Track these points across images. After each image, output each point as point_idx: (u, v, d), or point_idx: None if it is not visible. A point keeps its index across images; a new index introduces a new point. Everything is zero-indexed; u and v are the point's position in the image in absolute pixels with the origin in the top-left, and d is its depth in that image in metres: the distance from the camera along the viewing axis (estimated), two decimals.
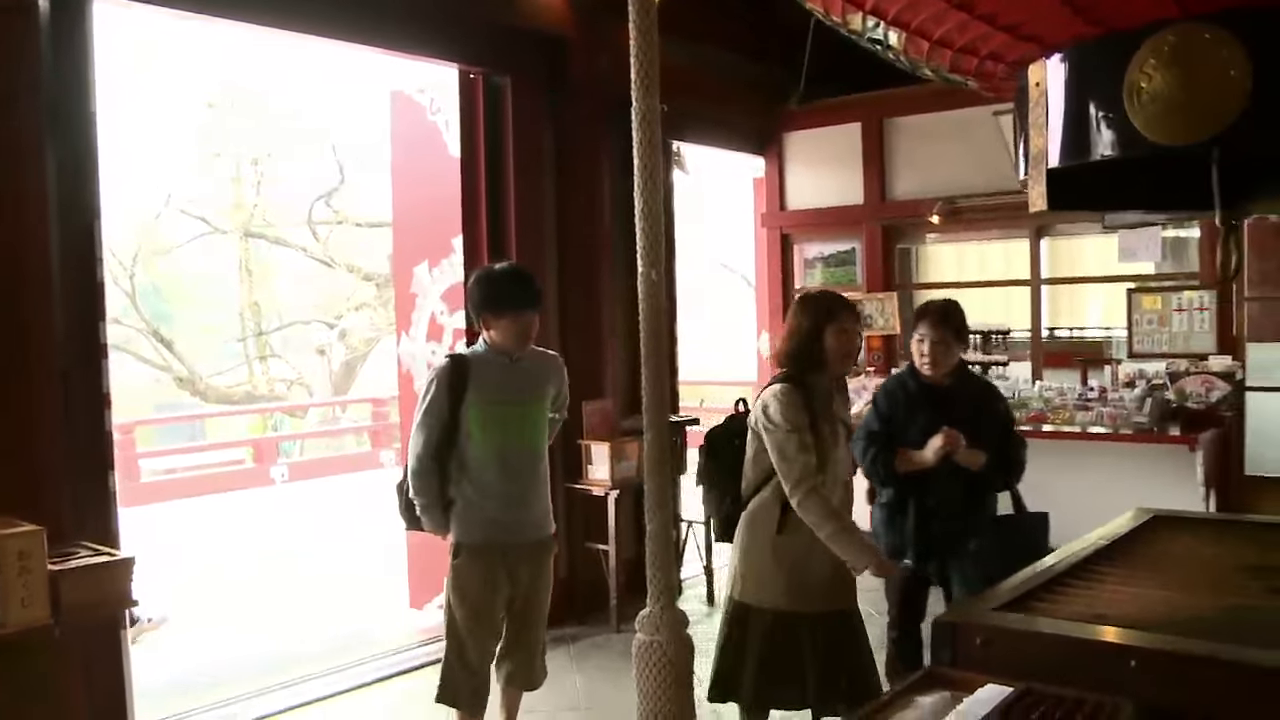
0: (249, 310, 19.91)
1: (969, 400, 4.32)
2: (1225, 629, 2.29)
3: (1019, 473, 4.42)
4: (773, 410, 3.62)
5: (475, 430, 3.99)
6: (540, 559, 4.18)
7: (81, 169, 4.26)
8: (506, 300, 4.00)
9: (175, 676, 5.82)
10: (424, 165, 6.40)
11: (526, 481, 4.09)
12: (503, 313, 3.99)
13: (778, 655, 3.73)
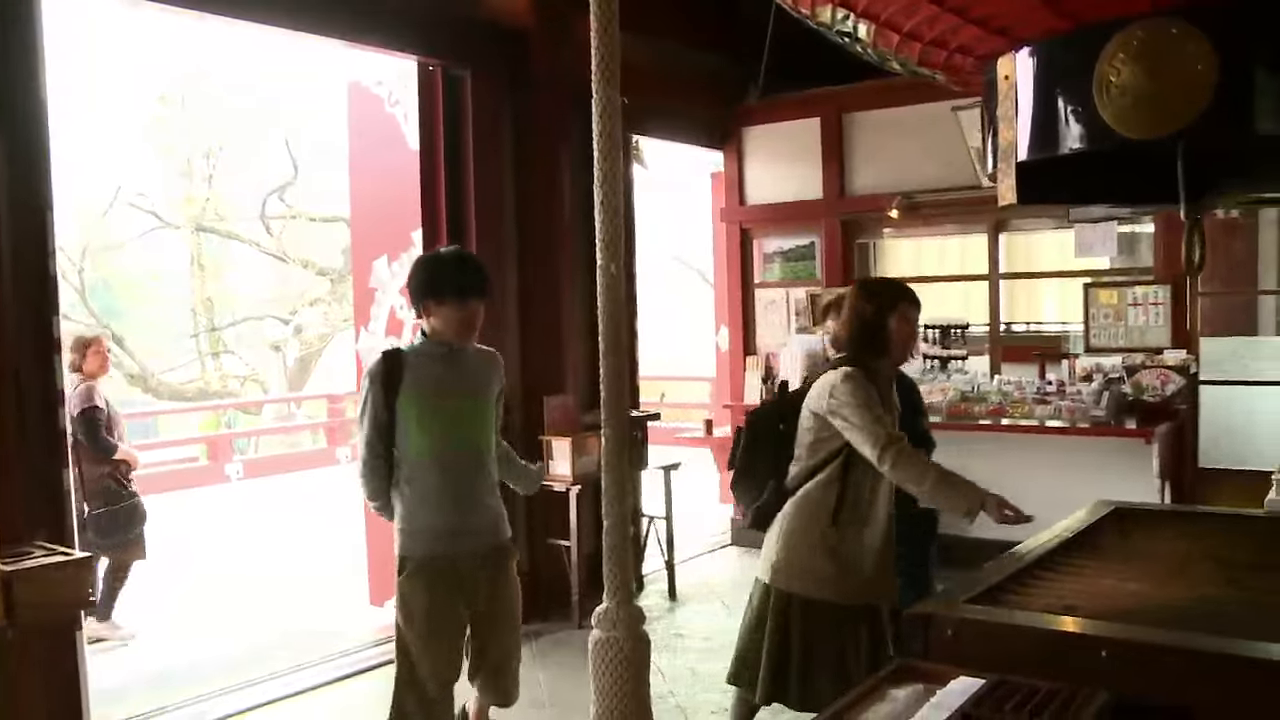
0: (201, 306, 19.68)
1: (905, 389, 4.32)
2: (1190, 618, 2.31)
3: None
4: (841, 391, 3.55)
5: (413, 429, 3.62)
6: (498, 567, 3.81)
7: (33, 160, 4.18)
8: (449, 286, 3.65)
9: (131, 677, 5.74)
10: (382, 158, 6.34)
11: (471, 484, 3.72)
12: (444, 299, 3.64)
13: (824, 649, 3.64)
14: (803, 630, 3.65)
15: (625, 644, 3.08)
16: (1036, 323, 8.55)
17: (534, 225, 6.50)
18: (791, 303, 8.19)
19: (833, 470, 3.62)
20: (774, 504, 3.74)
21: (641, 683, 3.13)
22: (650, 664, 3.01)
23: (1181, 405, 6.50)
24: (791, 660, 3.67)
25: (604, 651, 3.08)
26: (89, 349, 6.59)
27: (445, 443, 3.66)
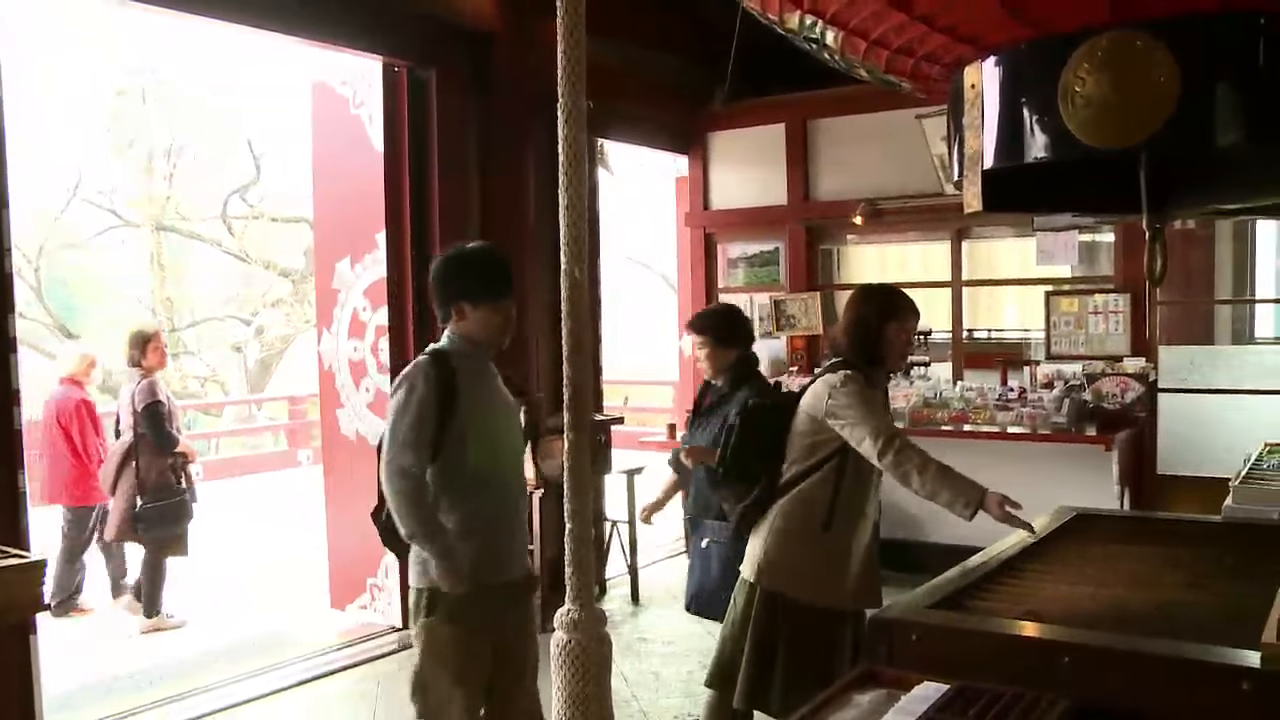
0: (161, 306, 19.47)
1: None
2: (1151, 624, 2.33)
3: None
4: (842, 393, 3.55)
5: (470, 444, 3.25)
6: (527, 600, 3.54)
7: None
8: (488, 285, 3.35)
9: (87, 682, 5.67)
10: (346, 159, 6.30)
11: (516, 505, 3.44)
12: (481, 300, 3.31)
13: (809, 653, 3.60)
14: (789, 633, 3.62)
15: (587, 646, 3.07)
16: (998, 330, 8.62)
17: (498, 227, 6.47)
18: (755, 308, 8.20)
19: (827, 472, 3.62)
20: (764, 505, 3.70)
21: (603, 685, 3.12)
22: (612, 666, 3.01)
23: (1141, 413, 6.58)
24: (776, 664, 3.63)
25: (565, 653, 3.08)
26: (149, 344, 6.71)
27: (496, 458, 3.34)
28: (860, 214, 7.51)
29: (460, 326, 3.34)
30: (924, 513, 7.26)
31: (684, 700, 5.11)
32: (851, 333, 3.73)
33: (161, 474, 6.55)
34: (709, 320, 4.55)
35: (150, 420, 6.49)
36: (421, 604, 3.27)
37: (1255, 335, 8.75)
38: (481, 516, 3.29)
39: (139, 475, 6.49)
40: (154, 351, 6.70)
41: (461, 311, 3.32)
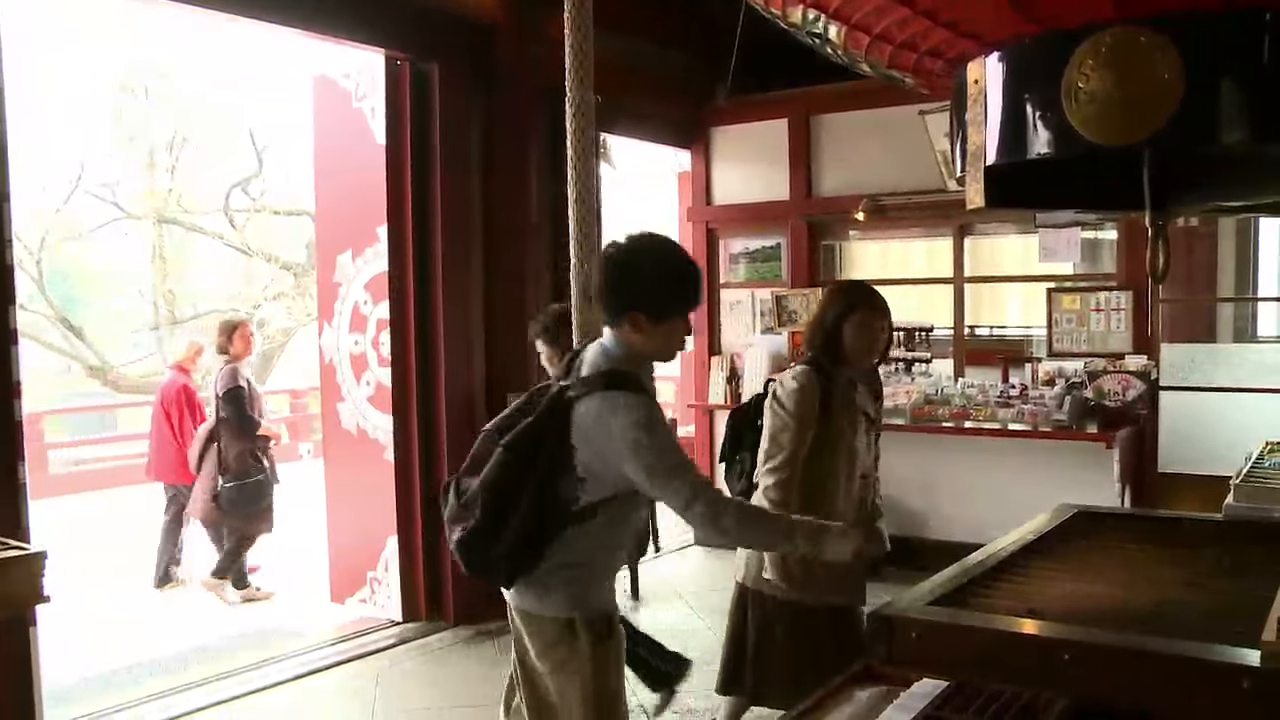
0: (163, 298, 19.46)
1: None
2: (1152, 622, 2.32)
3: None
4: (783, 392, 3.61)
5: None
6: None
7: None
8: (686, 299, 2.90)
9: (87, 674, 5.67)
10: (348, 152, 6.29)
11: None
12: (673, 315, 2.85)
13: (777, 646, 3.69)
14: (757, 624, 3.70)
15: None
16: (1000, 327, 8.61)
17: (501, 221, 6.48)
18: (757, 303, 8.20)
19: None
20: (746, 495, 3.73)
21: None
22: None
23: (1142, 410, 6.57)
24: (746, 655, 3.73)
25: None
26: (235, 332, 7.18)
27: None
28: (862, 210, 7.50)
29: (631, 337, 2.81)
30: (925, 509, 7.28)
31: (684, 695, 5.10)
32: (810, 330, 3.79)
33: (241, 456, 6.91)
34: (543, 323, 4.73)
35: (232, 404, 6.88)
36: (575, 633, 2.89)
37: (1257, 333, 8.73)
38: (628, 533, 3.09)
39: (221, 457, 6.88)
40: (240, 339, 7.16)
41: (637, 323, 2.78)
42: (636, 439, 2.71)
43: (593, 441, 2.75)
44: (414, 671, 5.47)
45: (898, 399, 7.03)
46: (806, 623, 3.67)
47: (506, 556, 2.83)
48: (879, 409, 3.96)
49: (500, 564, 2.85)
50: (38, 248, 17.51)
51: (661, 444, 2.74)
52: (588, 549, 2.88)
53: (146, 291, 19.58)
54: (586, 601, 2.90)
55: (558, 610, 2.89)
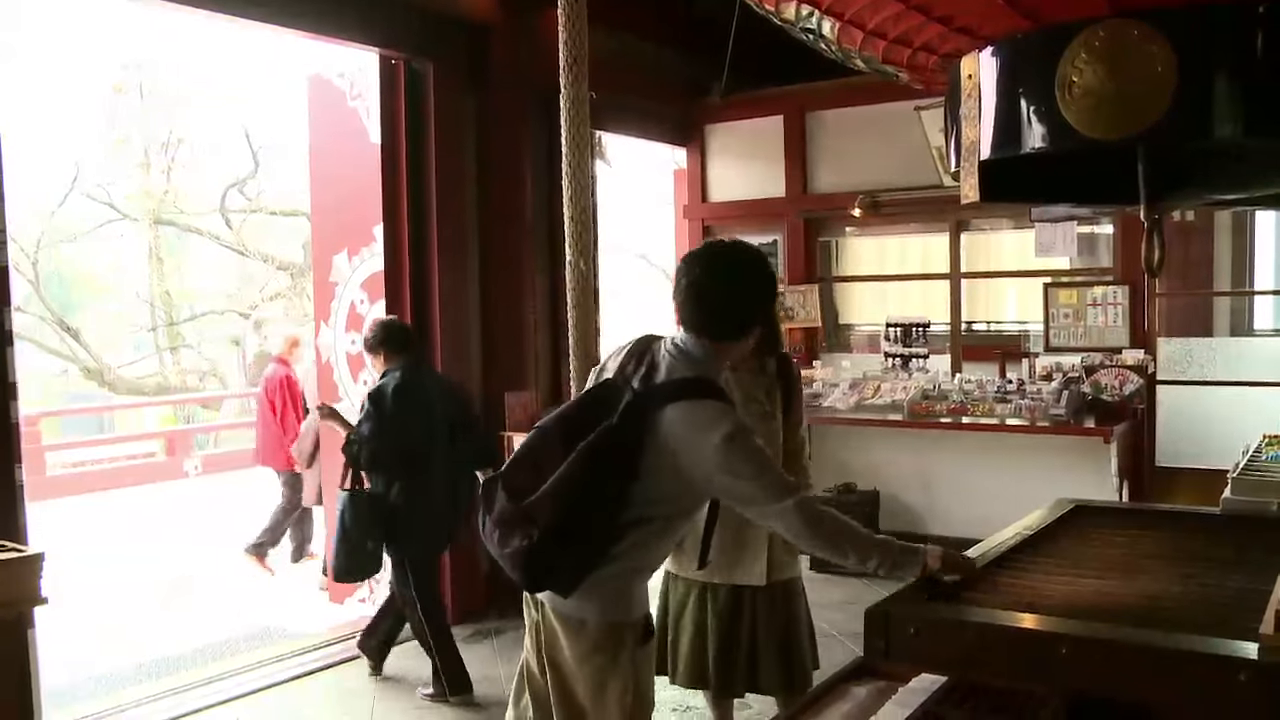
0: (160, 299, 19.45)
1: None
2: (1149, 616, 2.32)
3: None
4: None
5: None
6: None
7: None
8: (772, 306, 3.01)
9: (85, 676, 5.66)
10: (344, 152, 6.28)
11: None
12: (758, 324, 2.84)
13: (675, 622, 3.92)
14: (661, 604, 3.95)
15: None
16: (997, 322, 8.61)
17: (496, 220, 6.47)
18: None
19: None
20: None
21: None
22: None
23: (1139, 405, 6.57)
24: (689, 644, 3.95)
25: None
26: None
27: None
28: (859, 206, 7.49)
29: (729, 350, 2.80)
30: (922, 505, 7.28)
31: (683, 692, 5.10)
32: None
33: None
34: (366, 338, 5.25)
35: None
36: (620, 637, 2.81)
37: (1254, 327, 8.74)
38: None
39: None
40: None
41: (749, 333, 2.78)
42: (729, 450, 2.60)
43: (678, 452, 2.63)
44: (412, 671, 5.46)
45: (895, 395, 7.03)
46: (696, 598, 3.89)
47: (573, 566, 2.71)
48: (791, 398, 3.94)
49: (564, 573, 2.73)
50: (34, 249, 17.50)
51: (751, 455, 2.64)
52: (641, 555, 2.79)
53: (143, 293, 19.57)
54: (630, 606, 2.82)
55: (603, 615, 2.78)
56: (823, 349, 8.03)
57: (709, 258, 2.77)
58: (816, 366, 7.74)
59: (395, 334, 5.11)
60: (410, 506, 4.98)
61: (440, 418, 5.04)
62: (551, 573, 2.71)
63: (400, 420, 4.89)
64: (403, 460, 4.95)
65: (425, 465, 4.97)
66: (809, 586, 4.78)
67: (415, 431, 4.93)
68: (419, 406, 4.96)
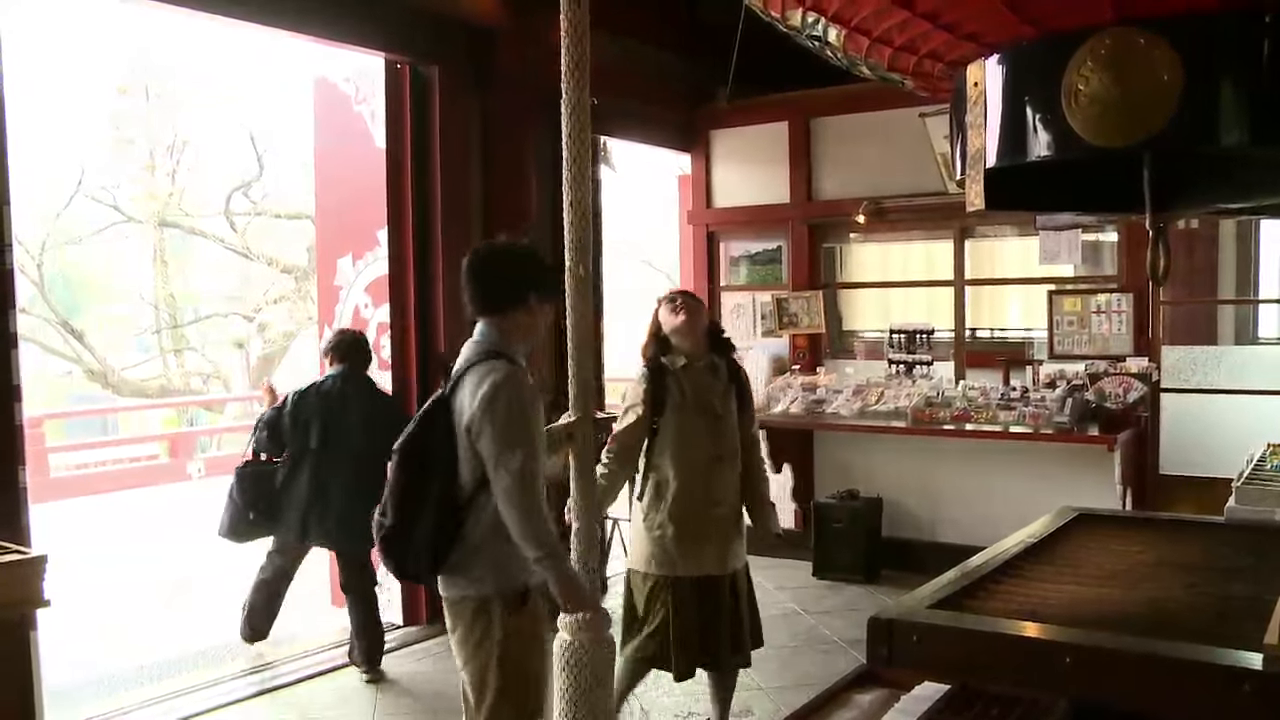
0: (164, 302, 19.46)
1: None
2: (1153, 625, 2.32)
3: None
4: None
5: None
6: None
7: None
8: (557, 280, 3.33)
9: (87, 678, 5.66)
10: (349, 155, 6.29)
11: None
12: (548, 296, 3.34)
13: (677, 619, 4.12)
14: (644, 601, 4.20)
15: (590, 648, 3.08)
16: (1001, 329, 8.59)
17: (500, 225, 6.45)
18: (758, 307, 8.20)
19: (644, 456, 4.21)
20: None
21: (604, 686, 3.13)
22: (614, 668, 3.00)
23: (1143, 413, 6.56)
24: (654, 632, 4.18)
25: (568, 655, 3.08)
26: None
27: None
28: (863, 213, 7.49)
29: (513, 325, 3.22)
30: (925, 512, 7.28)
31: (684, 699, 5.11)
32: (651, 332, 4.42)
33: None
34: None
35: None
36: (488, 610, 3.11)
37: (1258, 335, 8.72)
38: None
39: None
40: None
41: (529, 307, 3.22)
42: (491, 400, 3.02)
43: (464, 416, 3.07)
44: (415, 675, 5.46)
45: (899, 402, 7.03)
46: (677, 593, 4.11)
47: (425, 551, 3.07)
48: (744, 398, 4.39)
49: (420, 559, 3.10)
50: (39, 251, 17.53)
51: (510, 410, 3.01)
52: (490, 528, 3.07)
53: (147, 295, 19.59)
54: (495, 578, 3.08)
55: (470, 589, 3.11)
56: (826, 355, 8.02)
57: (472, 253, 3.37)
58: (820, 373, 7.73)
59: (337, 345, 5.68)
60: (283, 492, 5.49)
61: (355, 422, 5.41)
62: (410, 559, 3.12)
63: (292, 416, 5.45)
64: (284, 450, 5.51)
65: (310, 461, 5.42)
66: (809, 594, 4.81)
67: (304, 429, 5.43)
68: (320, 409, 5.45)
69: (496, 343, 3.19)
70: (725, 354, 4.39)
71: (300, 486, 5.43)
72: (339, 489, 5.34)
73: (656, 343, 4.30)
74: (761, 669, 5.49)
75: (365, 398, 5.55)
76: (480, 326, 3.26)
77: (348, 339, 5.69)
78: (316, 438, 5.41)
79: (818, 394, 7.40)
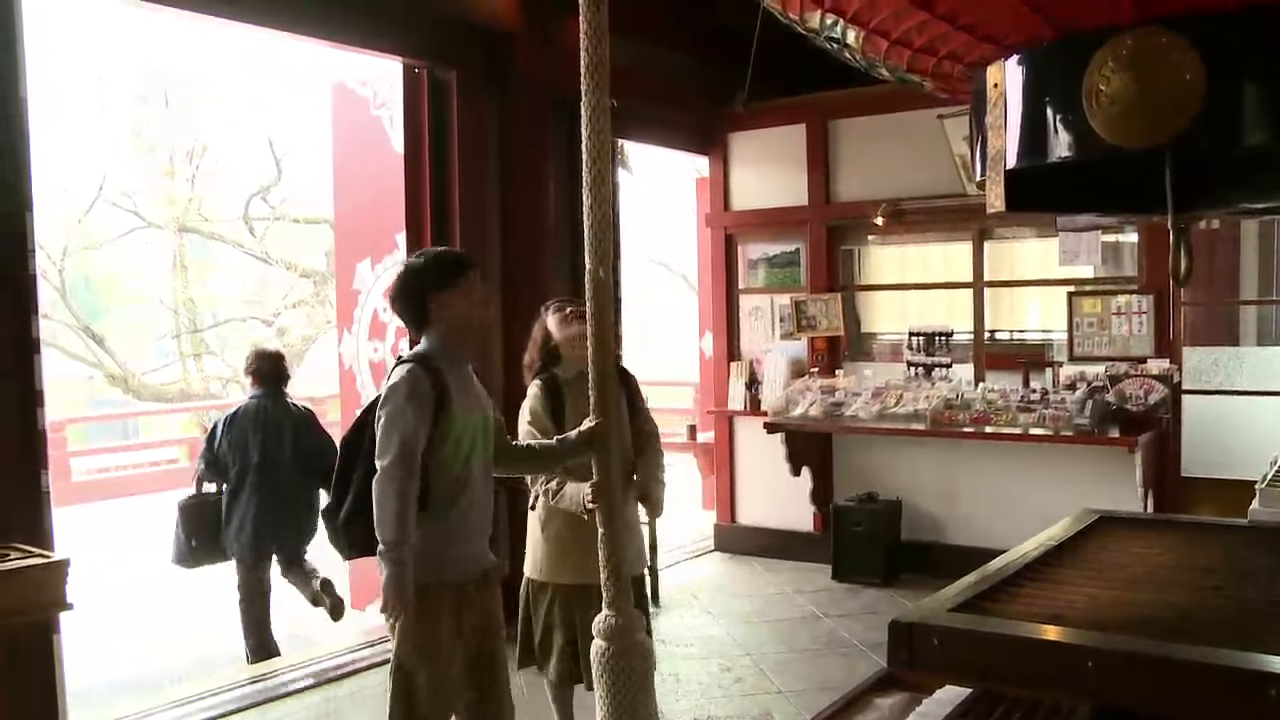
0: (183, 306, 19.55)
1: None
2: (1176, 628, 2.31)
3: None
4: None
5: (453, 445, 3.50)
6: (494, 589, 3.71)
7: (13, 157, 4.14)
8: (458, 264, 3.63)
9: (109, 681, 5.70)
10: (367, 160, 6.32)
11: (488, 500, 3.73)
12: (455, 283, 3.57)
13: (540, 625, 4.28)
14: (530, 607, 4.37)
15: (625, 653, 3.05)
16: (1020, 331, 8.56)
17: (518, 229, 6.48)
18: (776, 309, 8.18)
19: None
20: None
21: (645, 690, 3.10)
22: (654, 671, 2.99)
23: (1164, 414, 6.51)
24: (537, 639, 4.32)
25: (605, 661, 3.06)
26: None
27: (471, 455, 3.60)
28: (881, 214, 7.47)
29: (440, 329, 3.50)
30: (945, 514, 7.25)
31: (703, 701, 5.10)
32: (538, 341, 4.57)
33: None
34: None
35: None
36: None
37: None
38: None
39: None
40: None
41: (441, 302, 3.46)
42: (387, 397, 3.37)
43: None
44: None
45: (918, 404, 7.00)
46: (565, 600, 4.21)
47: (360, 537, 3.43)
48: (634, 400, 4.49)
49: (356, 545, 3.49)
50: (60, 257, 17.63)
51: (395, 410, 3.32)
52: (425, 521, 3.39)
53: (167, 300, 19.69)
54: (425, 568, 3.35)
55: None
56: (845, 358, 8.00)
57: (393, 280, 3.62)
58: (839, 375, 7.71)
59: (260, 366, 6.18)
60: (230, 511, 5.95)
61: (287, 440, 6.00)
62: (333, 536, 3.56)
63: (229, 441, 5.96)
64: (229, 474, 5.96)
65: (252, 478, 5.93)
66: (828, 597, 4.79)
67: (244, 449, 5.95)
68: (255, 427, 5.98)
69: (427, 348, 3.50)
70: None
71: (249, 502, 5.94)
72: (284, 496, 5.96)
73: (545, 353, 4.39)
74: (782, 672, 5.49)
75: (287, 411, 6.12)
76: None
77: (269, 360, 6.25)
78: (258, 454, 5.95)
79: (836, 396, 7.38)
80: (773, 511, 8.08)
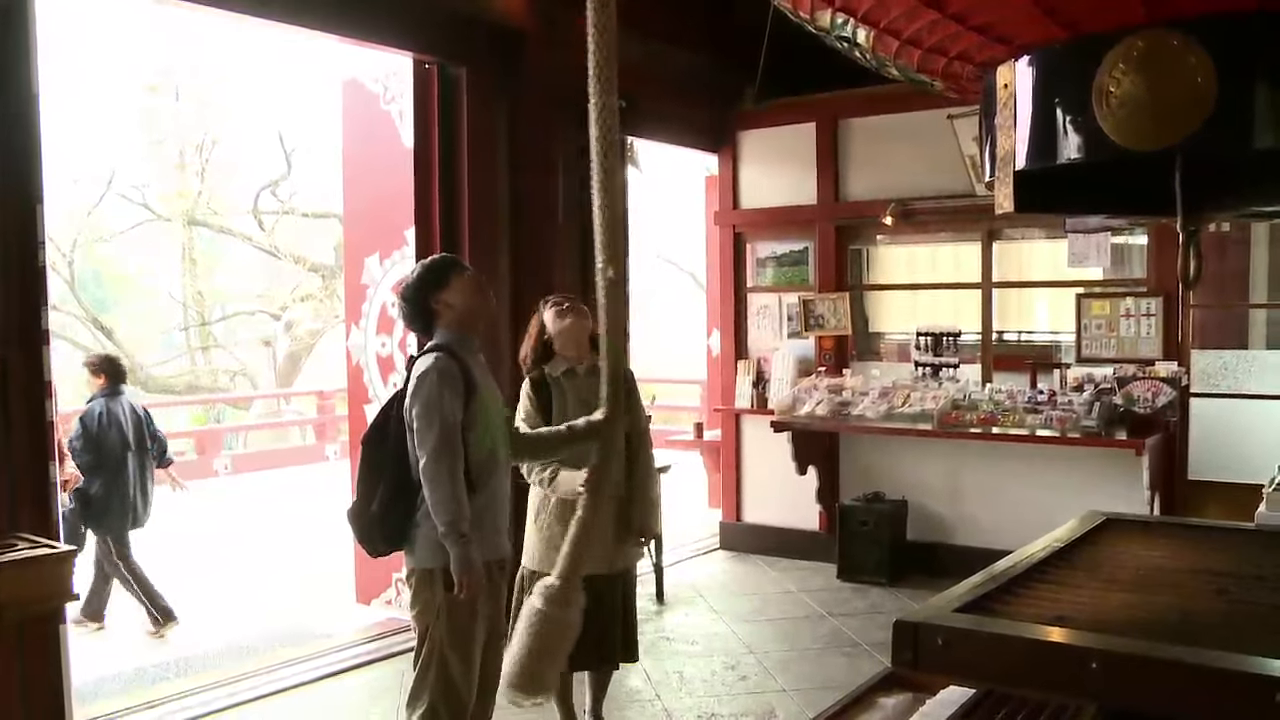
0: (192, 300, 19.62)
1: None
2: (1181, 631, 2.30)
3: None
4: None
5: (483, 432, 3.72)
6: (505, 575, 3.89)
7: (23, 151, 4.16)
8: (453, 264, 3.88)
9: (115, 673, 5.71)
10: (377, 155, 6.32)
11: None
12: (453, 278, 3.80)
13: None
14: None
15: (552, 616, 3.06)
16: (1028, 332, 8.54)
17: (528, 225, 6.49)
18: (784, 308, 8.18)
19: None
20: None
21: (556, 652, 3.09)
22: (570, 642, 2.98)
23: (1172, 417, 6.50)
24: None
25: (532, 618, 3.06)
26: None
27: (498, 443, 3.79)
28: (890, 214, 7.47)
29: (448, 326, 3.65)
30: (952, 515, 7.25)
31: (707, 699, 5.11)
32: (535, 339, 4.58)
33: None
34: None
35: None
36: (434, 582, 3.54)
37: None
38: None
39: None
40: None
41: (443, 299, 3.63)
42: (419, 385, 3.46)
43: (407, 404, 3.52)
44: None
45: (925, 404, 6.99)
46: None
47: (388, 530, 3.57)
48: (629, 396, 4.36)
49: (380, 540, 3.61)
50: (70, 249, 17.72)
51: (431, 396, 3.43)
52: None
53: (175, 293, 19.76)
54: (439, 554, 3.46)
55: (415, 563, 3.56)
56: (853, 357, 8.00)
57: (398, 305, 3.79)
58: (846, 375, 7.71)
59: (108, 366, 6.95)
60: (108, 496, 6.59)
61: (132, 432, 6.75)
62: (364, 535, 3.62)
63: (105, 432, 6.62)
64: (104, 464, 6.59)
65: (118, 466, 6.63)
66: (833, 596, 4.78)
67: (118, 440, 6.66)
68: (120, 419, 6.70)
69: (441, 341, 3.61)
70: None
71: (126, 484, 6.68)
72: (147, 479, 6.86)
73: (540, 348, 4.45)
74: (786, 671, 5.49)
75: (131, 407, 6.90)
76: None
77: (113, 360, 7.16)
78: (134, 441, 6.75)
79: (843, 396, 7.38)
80: (778, 510, 8.08)
